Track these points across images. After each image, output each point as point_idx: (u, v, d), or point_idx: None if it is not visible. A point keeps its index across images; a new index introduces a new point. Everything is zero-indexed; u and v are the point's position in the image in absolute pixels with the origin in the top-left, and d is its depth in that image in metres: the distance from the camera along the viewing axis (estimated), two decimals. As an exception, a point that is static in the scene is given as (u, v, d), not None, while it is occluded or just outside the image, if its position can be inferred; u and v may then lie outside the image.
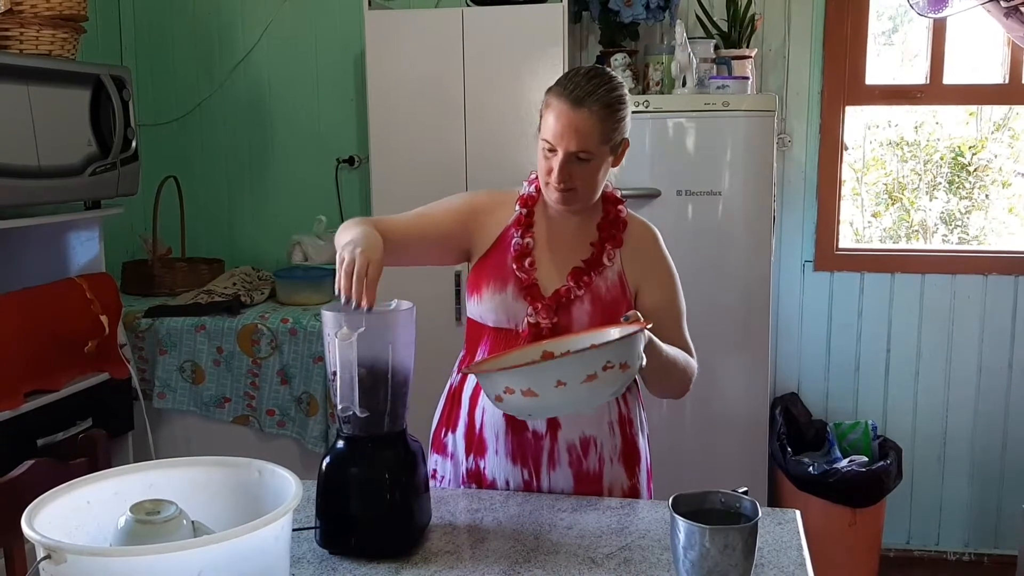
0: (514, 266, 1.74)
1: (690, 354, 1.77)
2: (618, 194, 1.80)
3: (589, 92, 1.62)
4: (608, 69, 1.71)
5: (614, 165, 1.72)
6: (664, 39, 3.26)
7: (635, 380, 1.82)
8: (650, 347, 1.57)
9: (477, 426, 1.77)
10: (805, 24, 3.29)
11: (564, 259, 1.76)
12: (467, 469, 1.79)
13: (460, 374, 1.83)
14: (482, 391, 1.75)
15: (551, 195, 1.70)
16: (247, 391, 3.05)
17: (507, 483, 1.75)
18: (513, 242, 1.76)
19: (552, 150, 1.65)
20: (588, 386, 1.42)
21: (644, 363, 1.50)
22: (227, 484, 1.25)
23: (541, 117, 1.69)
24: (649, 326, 1.53)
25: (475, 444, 1.77)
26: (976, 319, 3.33)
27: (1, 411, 2.39)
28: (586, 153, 1.63)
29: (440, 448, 1.84)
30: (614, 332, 1.57)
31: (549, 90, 1.68)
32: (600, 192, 1.74)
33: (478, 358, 1.78)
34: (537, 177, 1.76)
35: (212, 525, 1.17)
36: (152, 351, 3.06)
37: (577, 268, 1.74)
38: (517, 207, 1.79)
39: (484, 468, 1.77)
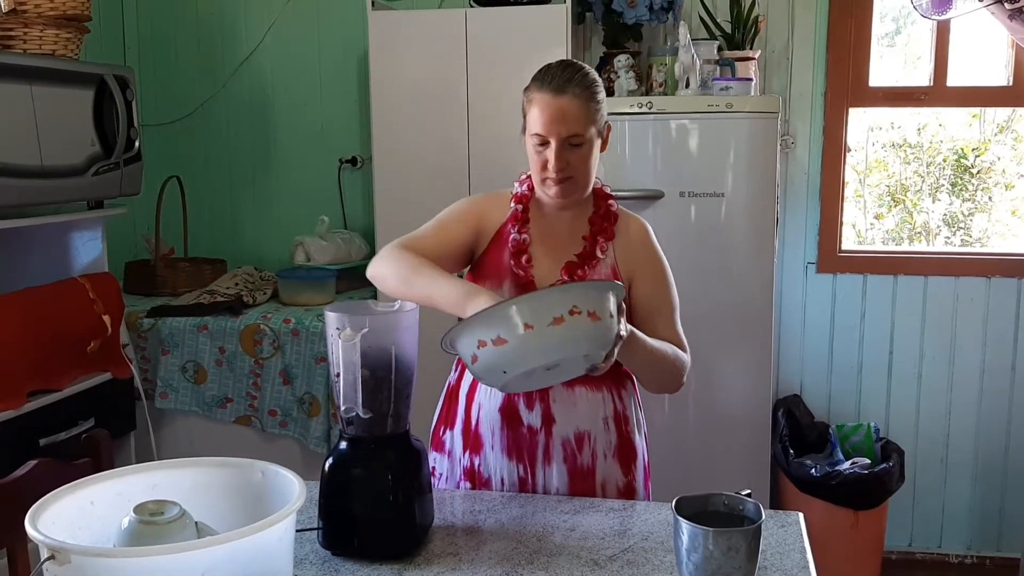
0: (511, 263, 1.77)
1: (682, 348, 1.78)
2: (607, 190, 1.83)
3: (568, 79, 1.67)
4: (574, 60, 1.77)
5: (602, 150, 1.75)
6: (667, 40, 3.26)
7: (631, 378, 1.82)
8: (632, 341, 1.59)
9: (473, 422, 1.79)
10: (808, 26, 3.29)
11: (559, 255, 1.78)
12: (464, 466, 1.80)
13: (458, 371, 1.85)
14: (480, 385, 1.76)
15: (550, 189, 1.72)
16: (249, 391, 3.05)
17: (502, 480, 1.77)
18: (510, 239, 1.78)
19: (544, 143, 1.68)
20: (556, 331, 1.39)
21: (624, 331, 1.49)
22: (230, 485, 1.25)
23: (524, 116, 1.72)
24: (620, 284, 1.54)
25: (471, 440, 1.79)
26: (979, 321, 3.33)
27: (4, 411, 2.39)
28: (577, 137, 1.67)
29: (439, 446, 1.86)
30: None
31: (527, 88, 1.72)
32: (593, 182, 1.77)
33: None
34: (528, 176, 1.79)
35: (215, 526, 1.17)
36: (154, 351, 3.06)
37: (571, 262, 1.77)
38: (512, 204, 1.81)
39: (480, 465, 1.78)
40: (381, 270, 1.71)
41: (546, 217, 1.80)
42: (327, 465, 1.50)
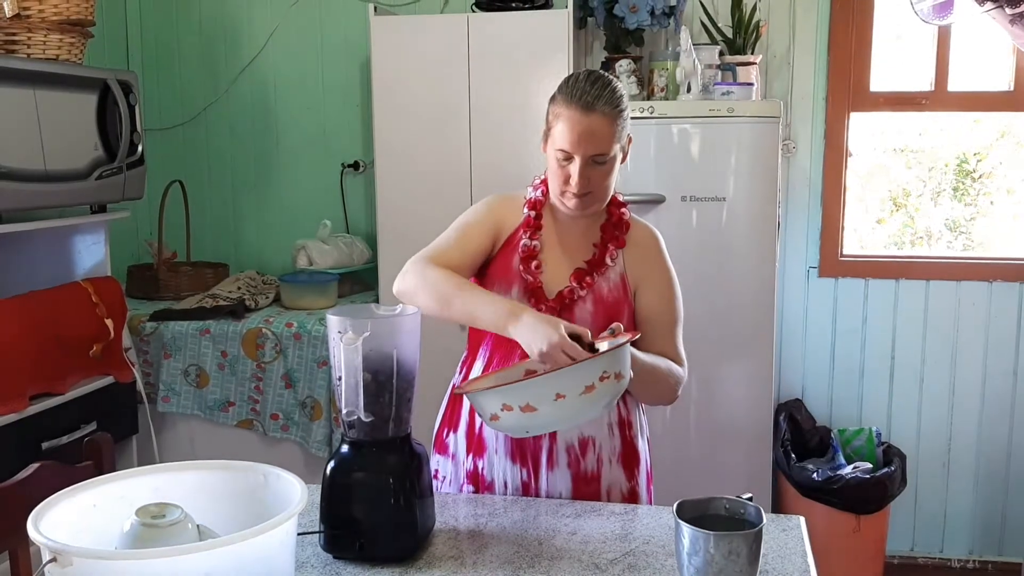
0: (521, 268, 1.76)
1: (679, 362, 1.78)
2: (620, 197, 1.83)
3: (596, 96, 1.65)
4: (601, 71, 1.75)
5: (622, 162, 1.75)
6: (669, 45, 3.26)
7: None
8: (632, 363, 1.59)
9: (477, 426, 1.79)
10: (810, 30, 3.30)
11: (570, 261, 1.78)
12: (467, 469, 1.80)
13: (462, 374, 1.85)
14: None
15: (569, 202, 1.72)
16: (251, 395, 3.05)
17: (505, 484, 1.77)
18: (521, 244, 1.78)
19: (568, 158, 1.67)
20: (586, 397, 1.44)
21: (632, 374, 1.53)
22: (232, 488, 1.25)
23: (549, 127, 1.71)
24: (637, 336, 1.56)
25: (475, 444, 1.79)
26: (981, 326, 3.33)
27: (6, 414, 2.39)
28: (602, 156, 1.67)
29: (442, 448, 1.86)
30: (603, 345, 1.58)
31: (554, 99, 1.70)
32: (611, 195, 1.77)
33: (479, 359, 1.79)
34: (542, 181, 1.79)
35: (217, 529, 1.17)
36: (157, 355, 3.07)
37: (579, 269, 1.77)
38: (525, 210, 1.80)
39: (483, 468, 1.78)
40: (410, 287, 1.68)
41: (559, 223, 1.80)
42: (329, 469, 1.50)
